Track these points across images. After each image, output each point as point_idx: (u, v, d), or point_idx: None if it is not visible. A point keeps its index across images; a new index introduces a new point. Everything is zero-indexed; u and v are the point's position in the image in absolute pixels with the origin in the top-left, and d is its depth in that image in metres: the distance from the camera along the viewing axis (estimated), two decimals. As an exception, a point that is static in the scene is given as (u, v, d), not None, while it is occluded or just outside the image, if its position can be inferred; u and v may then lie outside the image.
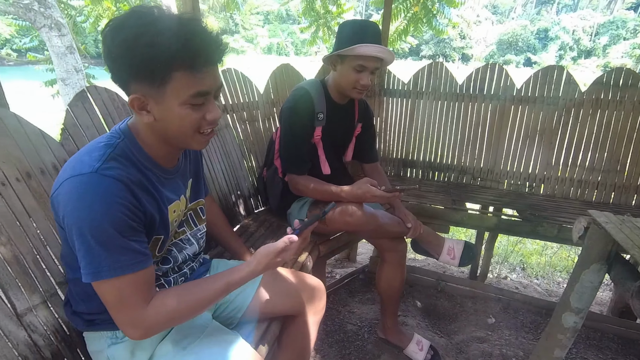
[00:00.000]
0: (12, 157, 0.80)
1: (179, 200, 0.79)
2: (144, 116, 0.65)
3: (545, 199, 2.05)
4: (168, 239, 0.77)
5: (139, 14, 0.60)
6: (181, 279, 0.87)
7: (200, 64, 0.62)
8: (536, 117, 2.07)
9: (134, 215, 0.64)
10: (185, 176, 0.85)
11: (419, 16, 5.39)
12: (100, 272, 0.61)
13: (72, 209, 0.60)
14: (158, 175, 0.73)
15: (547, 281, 2.75)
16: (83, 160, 0.63)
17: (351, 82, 1.32)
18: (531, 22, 37.02)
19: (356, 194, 1.26)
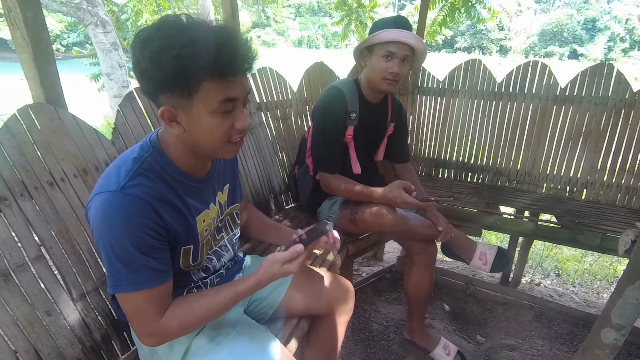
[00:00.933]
0: (70, 154, 0.87)
1: (208, 210, 0.80)
2: (174, 127, 0.66)
3: (588, 205, 1.94)
4: (199, 248, 0.78)
5: (167, 25, 0.60)
6: (217, 279, 0.90)
7: (229, 74, 0.62)
8: (581, 118, 1.95)
9: (155, 233, 0.66)
10: (220, 182, 0.86)
11: (456, 6, 5.19)
12: (119, 286, 0.65)
13: (97, 225, 0.64)
14: (188, 185, 0.74)
15: (586, 290, 2.61)
16: (112, 176, 0.66)
17: (380, 71, 1.29)
18: (578, 11, 34.53)
19: (387, 197, 1.26)
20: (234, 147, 0.71)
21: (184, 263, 0.77)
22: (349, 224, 1.40)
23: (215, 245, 0.86)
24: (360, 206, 1.36)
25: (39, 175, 0.81)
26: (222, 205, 0.87)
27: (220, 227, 0.87)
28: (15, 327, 0.73)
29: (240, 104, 0.67)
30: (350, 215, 1.38)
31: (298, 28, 37.62)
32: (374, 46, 1.31)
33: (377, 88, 1.37)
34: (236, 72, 0.62)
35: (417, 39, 1.28)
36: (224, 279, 0.93)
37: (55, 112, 0.85)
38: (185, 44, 0.58)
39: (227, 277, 0.94)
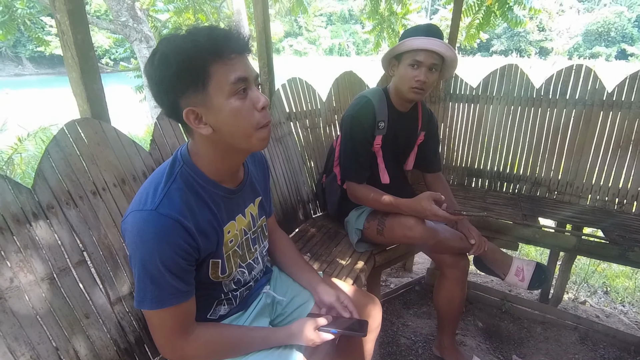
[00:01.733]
0: (111, 165, 0.93)
1: (234, 221, 0.81)
2: (202, 129, 0.67)
3: (639, 218, 1.78)
4: (224, 260, 0.80)
5: (165, 38, 0.65)
6: (246, 292, 0.91)
7: (228, 52, 0.64)
8: (630, 125, 1.81)
9: (185, 254, 0.69)
10: (253, 193, 0.88)
11: (492, 9, 5.02)
12: (144, 302, 0.68)
13: (131, 241, 0.67)
14: (219, 195, 0.76)
15: (638, 310, 2.38)
16: (148, 194, 0.69)
17: (408, 79, 1.28)
18: (629, 8, 32.21)
19: (416, 209, 1.22)
20: (265, 132, 0.71)
21: (214, 274, 0.79)
22: (376, 235, 1.38)
23: (249, 258, 0.88)
24: (388, 217, 1.33)
25: (84, 185, 0.87)
26: (253, 217, 0.88)
27: (254, 239, 0.89)
28: (57, 327, 0.79)
29: (252, 84, 0.69)
30: (377, 226, 1.36)
31: (329, 36, 38.06)
32: (401, 55, 1.30)
33: (405, 97, 1.35)
34: (235, 50, 0.65)
35: (446, 47, 1.25)
36: (253, 290, 0.94)
37: (99, 125, 0.92)
38: (183, 38, 0.64)
39: (255, 289, 0.95)
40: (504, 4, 4.92)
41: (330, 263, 1.42)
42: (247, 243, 0.87)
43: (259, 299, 0.95)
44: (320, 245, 1.56)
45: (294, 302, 0.99)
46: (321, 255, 1.47)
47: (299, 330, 0.81)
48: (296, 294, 1.00)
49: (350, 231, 1.50)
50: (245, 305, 0.92)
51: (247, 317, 0.91)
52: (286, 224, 1.66)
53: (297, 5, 6.75)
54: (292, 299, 0.99)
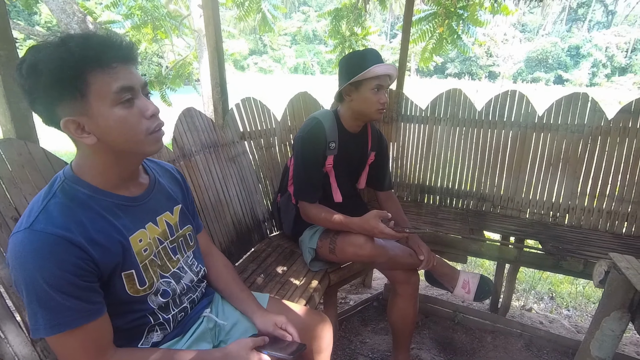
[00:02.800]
0: (38, 189, 0.87)
1: (144, 229, 0.77)
2: (85, 139, 0.64)
3: (571, 230, 1.95)
4: (141, 271, 0.75)
5: (34, 46, 0.62)
6: (181, 314, 0.86)
7: (108, 59, 0.62)
8: (559, 145, 2.00)
9: (76, 268, 0.62)
10: (167, 202, 0.85)
11: (443, 36, 5.41)
12: (37, 329, 0.62)
13: (12, 266, 0.62)
14: (115, 204, 0.72)
15: (580, 313, 2.56)
16: (24, 216, 0.64)
17: (373, 103, 1.36)
18: (562, 39, 36.08)
19: (365, 227, 1.26)
20: (157, 137, 0.70)
21: (132, 289, 0.74)
22: (328, 253, 1.39)
23: (173, 267, 0.84)
24: (339, 236, 1.35)
25: (3, 211, 0.80)
26: (171, 226, 0.85)
27: (174, 248, 0.86)
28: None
29: (139, 94, 0.67)
30: (329, 245, 1.37)
31: (294, 55, 38.74)
32: (361, 82, 1.35)
33: (369, 118, 1.42)
34: (115, 56, 0.63)
35: (395, 69, 1.36)
36: (192, 314, 0.90)
37: (25, 146, 0.86)
38: (56, 45, 0.60)
39: (194, 312, 0.90)
40: (454, 32, 5.35)
41: (284, 284, 1.40)
42: (166, 252, 0.83)
43: (199, 323, 0.90)
44: (275, 265, 1.54)
45: (236, 328, 0.95)
46: (275, 276, 1.45)
47: (235, 350, 0.78)
48: (238, 319, 0.97)
49: (304, 250, 1.50)
50: (183, 330, 0.87)
51: (185, 342, 0.86)
52: (241, 244, 1.63)
53: (263, 25, 6.84)
54: (234, 325, 0.96)
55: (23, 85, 0.62)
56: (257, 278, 1.43)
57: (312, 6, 40.46)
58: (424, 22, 5.30)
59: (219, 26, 1.59)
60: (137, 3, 6.41)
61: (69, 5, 4.38)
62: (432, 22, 5.31)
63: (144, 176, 0.82)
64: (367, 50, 1.37)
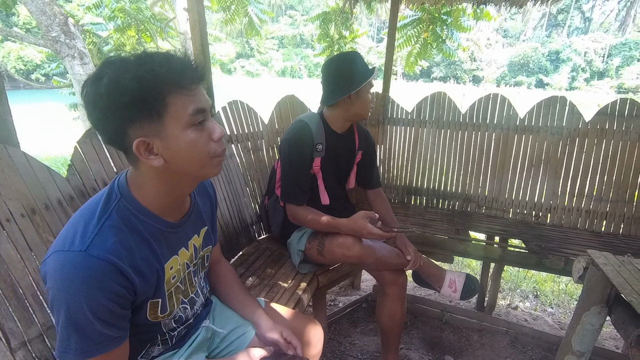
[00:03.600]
0: (18, 193, 0.85)
1: (177, 256, 0.76)
2: (153, 161, 0.62)
3: (553, 229, 2.00)
4: (166, 299, 0.74)
5: (112, 61, 0.60)
6: (185, 330, 0.85)
7: (187, 82, 0.62)
8: (540, 147, 2.06)
9: (119, 298, 0.62)
10: (198, 224, 0.83)
11: (428, 41, 5.52)
12: (67, 353, 0.60)
13: (53, 285, 0.59)
14: (160, 230, 0.71)
15: (563, 310, 2.63)
16: (77, 232, 0.62)
17: (367, 105, 1.44)
18: (542, 44, 37.16)
19: (353, 228, 1.27)
20: (219, 160, 0.69)
21: (152, 315, 0.73)
22: (317, 255, 1.39)
23: (191, 292, 0.83)
24: (327, 237, 1.36)
25: (-19, 216, 0.78)
26: (196, 248, 0.83)
27: (194, 271, 0.84)
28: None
29: (209, 115, 0.67)
30: (317, 247, 1.38)
31: (281, 59, 38.73)
32: None
33: (362, 117, 1.48)
34: (193, 78, 0.63)
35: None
36: (193, 325, 0.88)
37: (4, 150, 0.84)
38: (139, 64, 0.59)
39: (194, 324, 0.89)
40: (438, 37, 5.46)
41: (273, 287, 1.39)
42: (190, 277, 0.82)
43: (197, 334, 0.90)
44: (264, 268, 1.53)
45: (232, 334, 0.95)
46: (264, 279, 1.44)
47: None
48: (235, 325, 0.96)
49: (292, 253, 1.50)
50: (183, 342, 0.86)
51: (181, 354, 0.85)
52: (229, 248, 1.61)
53: (250, 29, 6.83)
54: (233, 330, 0.95)
55: (97, 102, 0.59)
56: (246, 281, 1.42)
57: (299, 10, 40.63)
58: (409, 27, 5.39)
59: (204, 29, 1.59)
60: (119, 5, 6.32)
61: (49, 7, 4.28)
62: (417, 28, 5.41)
63: (187, 199, 0.80)
64: (358, 56, 1.41)
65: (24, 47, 16.09)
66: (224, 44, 24.69)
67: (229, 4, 6.40)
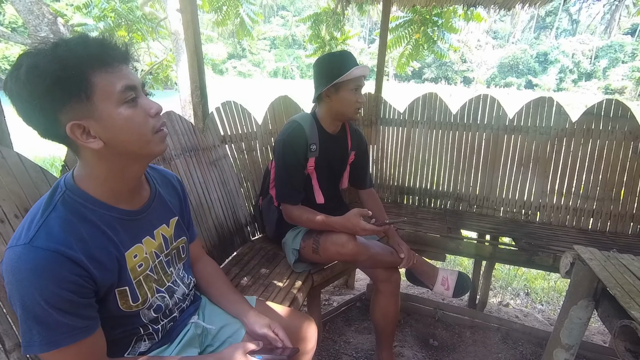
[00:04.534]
0: (12, 194, 0.84)
1: (140, 244, 0.76)
2: (91, 143, 0.62)
3: (542, 227, 2.05)
4: (134, 287, 0.73)
5: (28, 51, 0.59)
6: (170, 324, 0.86)
7: (110, 59, 0.61)
8: (529, 146, 2.10)
9: (75, 286, 0.61)
10: (165, 214, 0.84)
11: (420, 42, 5.58)
12: (31, 345, 0.60)
13: (8, 280, 0.60)
14: (115, 218, 0.71)
15: (552, 307, 2.69)
16: (24, 227, 0.62)
17: (352, 103, 1.41)
18: (530, 46, 37.77)
19: (346, 226, 1.28)
20: (162, 135, 0.69)
21: (124, 304, 0.73)
22: (312, 254, 1.41)
23: (168, 281, 0.83)
24: (322, 236, 1.37)
25: (-26, 218, 0.77)
26: (167, 239, 0.84)
27: (168, 261, 0.85)
28: None
29: (141, 93, 0.67)
30: (312, 245, 1.39)
31: (273, 59, 38.65)
32: (341, 83, 1.39)
33: (347, 117, 1.47)
34: (115, 56, 0.62)
35: (369, 69, 1.43)
36: (179, 322, 0.89)
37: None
38: (55, 48, 0.58)
39: (182, 320, 0.90)
40: (430, 38, 5.52)
41: (268, 286, 1.40)
42: (162, 266, 0.82)
43: (187, 330, 0.90)
44: (259, 268, 1.54)
45: (223, 332, 0.95)
46: (259, 279, 1.45)
47: (230, 355, 0.78)
48: (226, 323, 0.97)
49: (287, 252, 1.51)
50: (170, 338, 0.86)
51: (172, 350, 0.86)
52: (223, 248, 1.62)
53: (242, 30, 6.82)
54: (221, 328, 0.96)
55: (20, 93, 0.58)
56: (241, 281, 1.43)
57: (291, 11, 40.62)
58: (401, 28, 5.45)
59: (197, 30, 1.59)
60: (110, 5, 6.25)
61: (37, 6, 4.22)
62: (409, 29, 5.46)
63: (145, 187, 0.80)
64: (344, 53, 1.42)
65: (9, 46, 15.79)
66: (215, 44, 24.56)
67: (220, 4, 6.38)
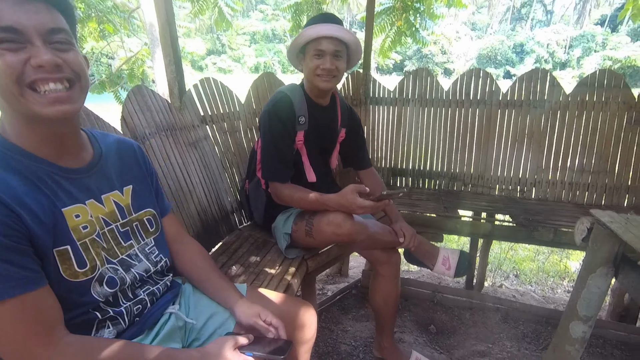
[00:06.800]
0: None
1: (83, 205, 0.68)
2: None
3: (538, 202, 2.00)
4: (79, 248, 0.65)
5: None
6: (137, 307, 0.74)
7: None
8: (523, 121, 2.05)
9: (5, 227, 0.54)
10: (115, 181, 0.76)
11: (402, 30, 5.52)
12: None
13: None
14: (48, 172, 0.64)
15: (542, 287, 2.69)
16: None
17: (313, 69, 1.25)
18: (507, 37, 38.50)
19: (342, 203, 1.16)
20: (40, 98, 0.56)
21: (68, 271, 0.62)
22: (305, 237, 1.29)
23: (121, 254, 0.73)
24: (316, 216, 1.26)
25: None
26: (122, 208, 0.75)
27: (125, 232, 0.75)
28: None
29: (36, 38, 0.55)
30: (305, 227, 1.28)
31: (254, 55, 38.02)
32: (306, 47, 1.27)
33: (316, 87, 1.30)
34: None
35: (344, 31, 1.24)
36: (154, 309, 0.77)
37: None
38: None
39: (156, 308, 0.78)
40: (412, 26, 5.47)
41: (259, 274, 1.29)
42: (114, 236, 0.72)
43: (165, 320, 0.78)
44: (248, 255, 1.42)
45: (210, 324, 0.84)
46: (249, 267, 1.33)
47: (215, 350, 0.68)
48: (212, 313, 0.86)
49: (278, 237, 1.39)
50: (143, 327, 0.74)
51: (150, 341, 0.74)
52: (208, 237, 1.49)
53: (221, 20, 6.57)
54: (207, 320, 0.84)
55: None
56: (229, 270, 1.31)
57: (270, 4, 39.98)
58: (383, 15, 5.37)
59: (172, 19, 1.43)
60: (79, -5, 5.92)
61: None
62: (390, 16, 5.39)
63: (88, 150, 0.73)
64: (320, 15, 1.29)
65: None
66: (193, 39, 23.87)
67: (196, -6, 6.14)
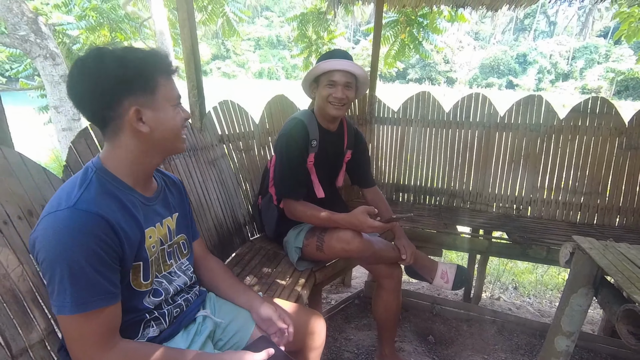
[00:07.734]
0: (15, 195, 0.81)
1: (154, 228, 0.82)
2: (142, 127, 0.73)
3: (533, 221, 2.11)
4: (149, 265, 0.78)
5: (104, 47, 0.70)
6: (176, 310, 0.87)
7: (171, 71, 0.77)
8: (520, 143, 2.16)
9: (109, 248, 0.67)
10: (169, 208, 0.89)
11: (405, 42, 5.67)
12: (64, 307, 0.64)
13: (46, 244, 0.64)
14: (137, 199, 0.78)
15: (539, 300, 2.77)
16: (61, 199, 0.68)
17: (325, 97, 1.39)
18: (510, 47, 38.78)
19: (353, 222, 1.29)
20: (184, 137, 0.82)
21: (135, 281, 0.76)
22: (316, 251, 1.41)
23: (164, 270, 0.86)
24: (327, 233, 1.37)
25: (-23, 219, 0.74)
26: (171, 231, 0.88)
27: (170, 252, 0.88)
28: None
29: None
30: (317, 243, 1.39)
31: (258, 60, 38.39)
32: (319, 77, 1.41)
33: (327, 114, 1.44)
34: (174, 71, 0.78)
35: (354, 66, 1.38)
36: (187, 312, 0.90)
37: (0, 151, 0.80)
38: (136, 50, 0.73)
39: (189, 310, 0.90)
40: (415, 39, 5.62)
41: (271, 284, 1.40)
42: (163, 254, 0.86)
43: (199, 323, 0.91)
44: (260, 267, 1.53)
45: (232, 326, 0.96)
46: (261, 278, 1.44)
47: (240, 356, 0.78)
48: (234, 316, 0.98)
49: (290, 251, 1.51)
50: (180, 327, 0.87)
51: (184, 340, 0.86)
52: (223, 248, 1.60)
53: (228, 28, 6.75)
54: (230, 322, 0.96)
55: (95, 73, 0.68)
56: (243, 280, 1.42)
57: (275, 11, 40.46)
58: (387, 28, 5.52)
59: (194, 28, 1.57)
60: (92, 4, 6.09)
61: (16, 4, 4.07)
62: (394, 29, 5.55)
63: (153, 181, 0.88)
64: (333, 50, 1.42)
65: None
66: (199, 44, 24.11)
67: (206, 3, 6.31)
